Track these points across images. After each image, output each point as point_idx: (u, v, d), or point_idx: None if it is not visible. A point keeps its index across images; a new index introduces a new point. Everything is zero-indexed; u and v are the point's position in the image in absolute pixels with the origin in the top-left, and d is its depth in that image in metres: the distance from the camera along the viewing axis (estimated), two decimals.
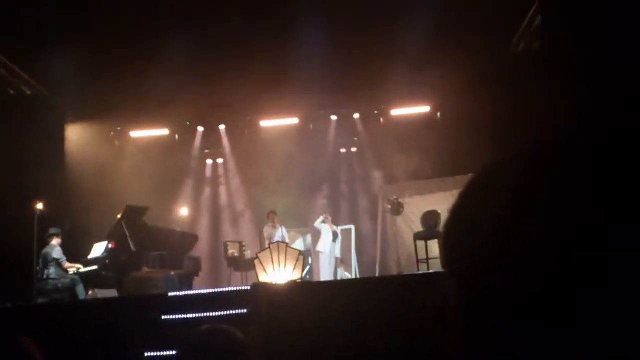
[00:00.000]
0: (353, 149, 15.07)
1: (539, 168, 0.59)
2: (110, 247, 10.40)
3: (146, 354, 7.14)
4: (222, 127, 15.09)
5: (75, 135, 13.86)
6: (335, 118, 14.82)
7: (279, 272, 9.94)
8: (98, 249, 10.54)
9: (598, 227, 0.53)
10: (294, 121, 14.77)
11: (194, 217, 14.71)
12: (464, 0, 10.77)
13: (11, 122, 11.96)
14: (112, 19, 10.92)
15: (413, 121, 14.04)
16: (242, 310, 7.37)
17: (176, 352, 2.27)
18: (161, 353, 7.06)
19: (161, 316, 7.60)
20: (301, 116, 14.67)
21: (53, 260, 10.03)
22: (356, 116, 14.76)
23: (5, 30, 10.51)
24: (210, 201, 15.24)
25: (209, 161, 15.43)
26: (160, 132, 14.95)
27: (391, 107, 14.39)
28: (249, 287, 8.43)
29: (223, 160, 15.35)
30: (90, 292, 10.05)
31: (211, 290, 9.24)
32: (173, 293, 8.50)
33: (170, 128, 14.90)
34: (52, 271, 9.99)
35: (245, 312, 7.34)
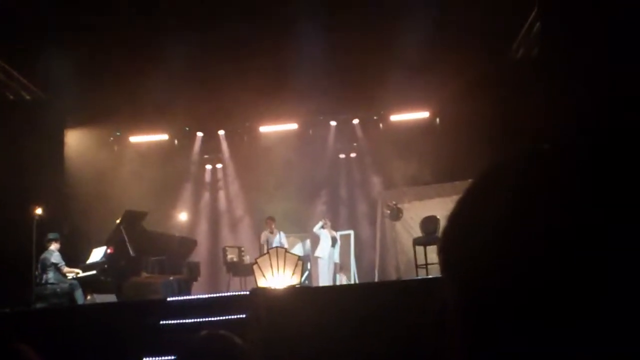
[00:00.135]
0: (352, 155, 15.08)
1: (539, 168, 0.59)
2: (109, 252, 10.40)
3: (144, 359, 7.13)
4: (222, 133, 15.10)
5: (74, 140, 13.87)
6: (334, 123, 14.83)
7: (278, 277, 9.93)
8: (97, 254, 10.54)
9: (598, 227, 0.53)
10: (293, 127, 14.78)
11: (193, 222, 14.72)
12: (463, 5, 10.80)
13: (10, 127, 11.96)
14: (112, 24, 10.94)
15: (412, 127, 14.05)
16: (241, 315, 7.36)
17: (175, 358, 2.28)
18: (160, 358, 7.04)
19: (160, 321, 7.58)
20: (300, 122, 14.68)
21: (52, 265, 10.02)
22: (355, 122, 14.78)
23: (4, 34, 10.52)
24: (209, 206, 15.24)
25: (208, 166, 15.44)
26: (159, 137, 14.96)
27: (390, 113, 14.41)
28: (248, 292, 8.43)
29: (222, 165, 15.36)
30: (88, 297, 10.03)
31: (210, 295, 9.23)
32: (172, 298, 8.49)
33: (169, 133, 14.91)
34: (51, 276, 9.98)
35: (244, 317, 7.32)
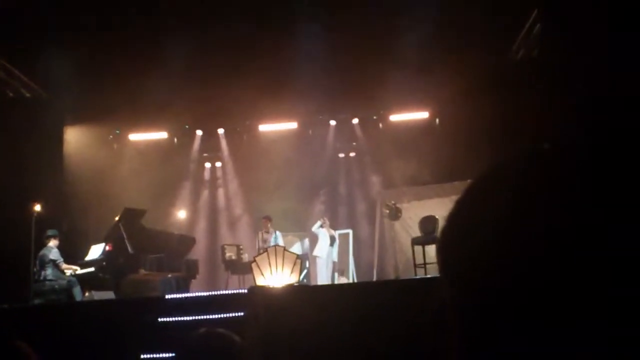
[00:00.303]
0: (351, 154, 15.06)
1: (539, 169, 0.59)
2: (107, 249, 10.40)
3: (142, 356, 7.13)
4: (221, 131, 15.09)
5: (74, 137, 13.86)
6: (334, 123, 14.81)
7: (276, 276, 9.93)
8: (95, 251, 10.54)
9: (598, 228, 0.54)
10: (293, 126, 14.76)
11: (192, 220, 14.71)
12: (463, 6, 10.79)
13: (10, 124, 11.96)
14: (112, 22, 10.93)
15: (411, 127, 14.04)
16: (239, 313, 7.36)
17: (173, 355, 2.28)
18: (158, 355, 7.04)
19: (158, 318, 7.57)
20: (300, 121, 14.66)
21: (50, 261, 10.02)
22: (355, 121, 14.76)
23: (4, 32, 10.51)
24: (208, 204, 15.23)
25: (208, 165, 15.42)
26: (159, 136, 14.94)
27: (390, 113, 14.39)
28: (246, 290, 8.42)
29: (221, 163, 15.34)
30: (87, 294, 10.03)
31: (208, 293, 9.22)
32: (170, 295, 8.48)
33: (169, 131, 14.89)
34: (49, 272, 9.98)
35: (242, 315, 7.33)
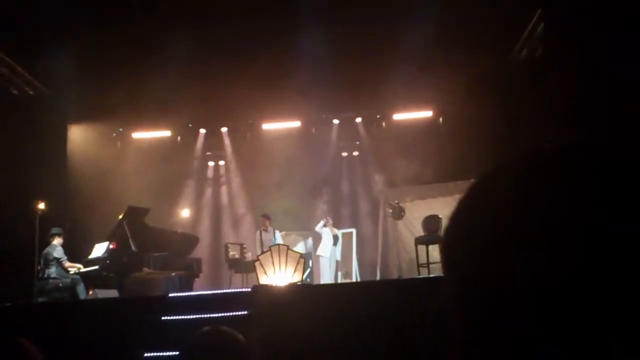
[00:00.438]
0: (355, 153, 15.05)
1: (541, 168, 0.59)
2: (111, 248, 10.41)
3: (146, 355, 7.14)
4: (224, 130, 15.09)
5: (77, 135, 13.88)
6: (337, 122, 14.80)
7: (280, 275, 9.93)
8: (99, 249, 10.55)
9: (600, 227, 0.54)
10: (296, 124, 14.76)
11: (195, 219, 14.71)
12: (467, 5, 10.78)
13: (13, 122, 11.97)
14: (116, 20, 10.95)
15: (415, 126, 14.02)
16: (243, 312, 7.37)
17: (176, 354, 2.29)
18: (161, 354, 7.05)
19: (161, 317, 7.59)
20: (303, 119, 14.66)
21: (54, 259, 10.05)
22: (358, 120, 14.75)
23: (7, 29, 10.53)
24: (211, 203, 15.23)
25: (211, 163, 15.43)
26: (162, 134, 14.95)
27: (393, 112, 14.38)
28: (250, 289, 8.43)
29: (224, 162, 15.35)
30: (90, 292, 10.06)
31: (211, 291, 9.22)
32: (173, 294, 8.49)
33: (172, 130, 14.90)
34: (53, 270, 10.00)
35: (245, 314, 7.33)
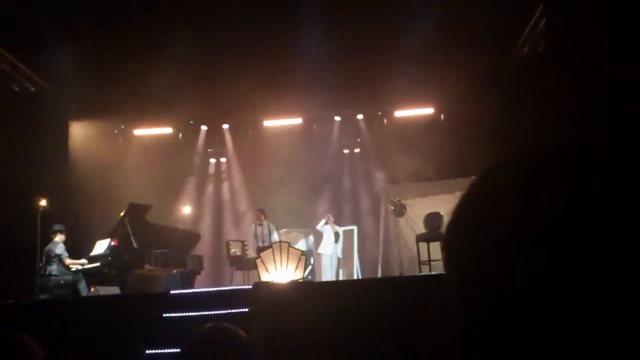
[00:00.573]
0: (356, 150, 15.05)
1: (542, 166, 0.59)
2: (113, 245, 10.42)
3: (147, 352, 7.15)
4: (226, 126, 15.09)
5: (79, 132, 13.89)
6: (338, 119, 14.80)
7: (281, 272, 9.93)
8: (101, 246, 10.56)
9: (601, 225, 0.53)
10: (298, 121, 14.76)
11: (197, 216, 14.71)
12: (468, 3, 10.76)
13: (15, 119, 11.97)
14: (117, 17, 10.94)
15: (416, 123, 14.00)
16: (244, 309, 7.37)
17: (178, 350, 2.29)
18: (162, 351, 7.06)
19: (162, 314, 7.59)
20: (305, 116, 14.65)
21: (55, 256, 10.06)
22: (359, 117, 14.74)
23: (9, 26, 10.52)
24: (213, 200, 15.24)
25: (212, 160, 15.43)
26: (163, 131, 14.96)
27: (395, 109, 14.37)
28: (251, 286, 8.43)
29: (226, 159, 15.35)
30: (92, 289, 10.06)
31: (213, 288, 9.22)
32: (174, 291, 8.49)
33: (173, 127, 14.90)
34: (54, 267, 10.01)
35: (246, 311, 7.33)
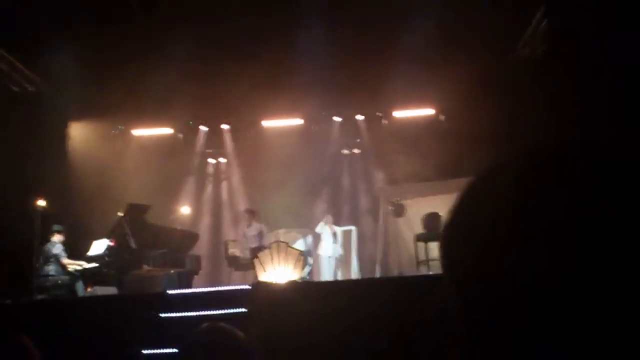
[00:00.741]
0: (356, 150, 15.07)
1: (541, 166, 0.58)
2: (111, 245, 10.41)
3: (144, 352, 7.14)
4: (225, 127, 15.11)
5: (78, 132, 13.89)
6: (338, 119, 14.82)
7: (279, 272, 9.94)
8: (97, 246, 10.55)
9: (601, 225, 0.53)
10: (297, 122, 14.78)
11: (195, 216, 14.72)
12: (469, 3, 10.77)
13: (13, 119, 11.97)
14: (116, 18, 10.94)
15: (416, 123, 14.03)
16: (242, 309, 7.37)
17: (175, 350, 2.28)
18: (160, 351, 7.05)
19: (160, 314, 7.59)
20: (304, 117, 14.68)
21: (53, 256, 10.04)
22: (359, 117, 14.77)
23: (7, 26, 10.52)
24: (211, 200, 15.26)
25: (211, 160, 15.45)
26: (163, 131, 14.98)
27: (394, 109, 14.40)
28: (249, 286, 8.43)
29: (225, 159, 15.37)
30: (89, 289, 10.06)
31: (211, 289, 9.23)
32: (172, 291, 8.49)
33: (173, 127, 14.92)
34: (52, 267, 10.00)
35: (244, 311, 7.33)
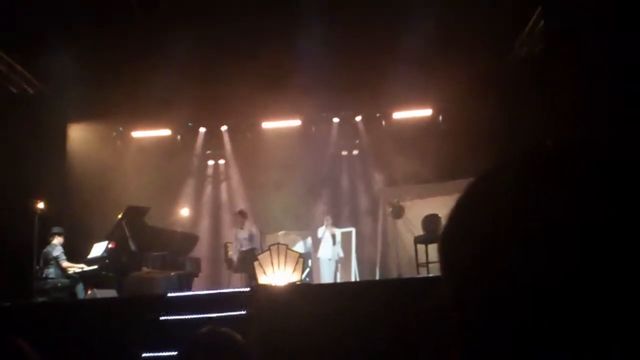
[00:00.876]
0: (355, 152, 15.08)
1: (541, 165, 0.58)
2: (110, 247, 10.40)
3: (144, 355, 7.13)
4: (224, 128, 15.11)
5: (77, 134, 13.89)
6: (337, 120, 14.83)
7: (279, 274, 9.93)
8: (98, 249, 10.55)
9: (600, 225, 0.53)
10: (296, 123, 14.78)
11: (195, 218, 14.71)
12: (467, 4, 10.78)
13: (12, 121, 11.96)
14: (115, 19, 10.94)
15: (415, 124, 14.04)
16: (242, 311, 7.36)
17: (175, 354, 2.28)
18: (159, 354, 7.04)
19: (159, 317, 7.58)
20: (303, 118, 14.68)
21: (53, 259, 10.04)
22: (358, 119, 14.77)
23: (6, 27, 10.52)
24: (211, 202, 15.25)
25: (211, 162, 15.45)
26: (162, 133, 14.97)
27: (393, 110, 14.40)
28: (249, 289, 8.43)
29: (224, 161, 15.37)
30: (89, 292, 10.05)
31: (210, 291, 9.21)
32: (172, 293, 8.48)
33: (172, 129, 14.92)
34: (52, 270, 9.99)
35: (244, 314, 7.33)
